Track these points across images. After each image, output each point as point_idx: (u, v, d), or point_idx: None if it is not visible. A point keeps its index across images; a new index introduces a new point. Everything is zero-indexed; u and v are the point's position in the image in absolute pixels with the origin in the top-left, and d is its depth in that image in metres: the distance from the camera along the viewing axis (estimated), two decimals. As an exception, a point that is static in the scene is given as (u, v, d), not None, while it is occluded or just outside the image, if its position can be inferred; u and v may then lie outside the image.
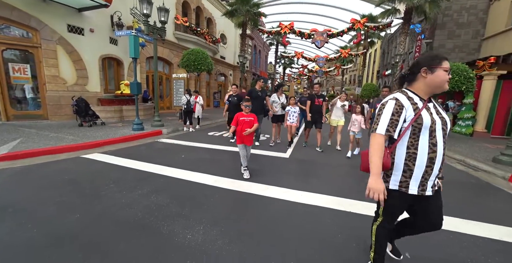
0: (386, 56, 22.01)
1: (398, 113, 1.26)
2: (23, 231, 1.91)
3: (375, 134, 1.29)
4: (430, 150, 1.25)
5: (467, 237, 2.12)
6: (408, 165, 1.27)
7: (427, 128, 1.23)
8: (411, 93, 1.31)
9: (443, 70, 1.24)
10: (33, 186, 2.86)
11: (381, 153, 1.25)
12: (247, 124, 3.40)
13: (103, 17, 8.62)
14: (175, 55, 12.99)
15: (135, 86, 6.24)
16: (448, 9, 13.36)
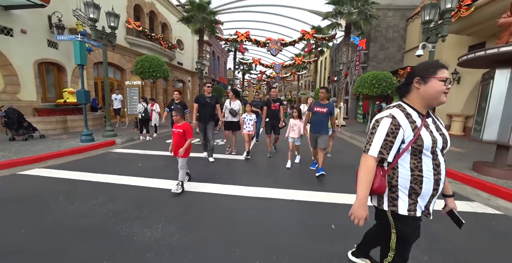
0: (334, 63, 24.58)
1: (394, 134, 1.11)
2: None
3: (366, 156, 1.18)
4: (435, 171, 1.13)
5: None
6: (415, 189, 1.14)
7: (428, 149, 1.11)
8: (409, 108, 1.17)
9: (439, 80, 1.08)
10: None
11: (371, 176, 1.15)
12: (176, 137, 3.09)
13: (39, 17, 7.79)
14: (127, 61, 12.32)
15: (83, 94, 5.84)
16: (378, 26, 15.81)
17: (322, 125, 3.93)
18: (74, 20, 8.86)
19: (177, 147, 3.11)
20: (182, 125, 3.09)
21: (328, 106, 3.93)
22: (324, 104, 3.95)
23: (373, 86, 8.67)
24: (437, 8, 5.24)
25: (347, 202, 2.92)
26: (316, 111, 3.94)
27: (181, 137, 3.08)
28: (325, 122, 3.94)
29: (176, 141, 3.11)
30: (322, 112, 3.91)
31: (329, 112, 3.92)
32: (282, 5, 23.19)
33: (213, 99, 4.74)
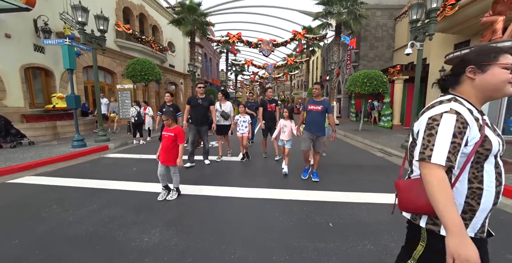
0: (326, 63, 24.87)
1: (462, 134, 0.85)
2: None
3: (429, 165, 0.85)
4: (497, 182, 0.90)
5: (375, 205, 2.79)
6: (471, 204, 0.90)
7: (493, 155, 0.89)
8: (466, 102, 0.93)
9: (502, 67, 0.88)
10: None
11: (451, 194, 0.83)
12: (166, 141, 2.88)
13: (24, 21, 7.59)
14: (117, 64, 12.13)
15: (73, 99, 5.72)
16: (367, 26, 16.10)
17: (318, 125, 3.55)
18: (61, 23, 8.68)
19: (165, 152, 2.88)
20: (174, 129, 2.90)
21: (323, 103, 3.56)
22: (318, 101, 3.61)
23: (364, 85, 8.82)
24: (424, 7, 5.38)
25: (344, 200, 2.96)
26: (311, 109, 3.59)
27: (171, 141, 2.86)
28: (321, 122, 3.56)
29: (166, 146, 2.87)
30: (317, 110, 3.53)
31: (324, 110, 3.54)
32: (273, 6, 23.34)
33: (206, 100, 4.45)
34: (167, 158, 2.88)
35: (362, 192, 3.22)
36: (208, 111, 4.54)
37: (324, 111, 3.56)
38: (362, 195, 3.12)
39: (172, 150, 2.89)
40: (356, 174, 4.04)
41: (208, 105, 4.49)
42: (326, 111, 3.57)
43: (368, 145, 6.93)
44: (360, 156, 5.56)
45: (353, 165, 4.67)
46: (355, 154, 5.77)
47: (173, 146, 2.89)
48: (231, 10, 23.62)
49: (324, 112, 3.57)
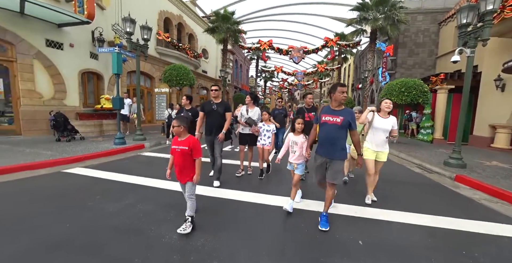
0: (358, 70, 23.89)
1: None
2: (19, 241, 2.02)
3: None
4: None
5: (409, 226, 2.55)
6: None
7: None
8: None
9: None
10: (16, 201, 2.88)
11: None
12: (178, 156, 2.29)
13: (84, 32, 8.71)
14: (156, 69, 13.17)
15: (117, 101, 6.34)
16: (407, 31, 15.18)
17: (333, 144, 2.47)
18: (112, 34, 9.76)
19: (180, 171, 2.31)
20: (187, 139, 2.28)
21: (345, 113, 2.43)
22: (338, 110, 2.47)
23: (402, 94, 8.24)
24: (476, 10, 4.89)
25: (375, 217, 2.77)
26: (325, 121, 2.49)
27: (185, 156, 2.26)
28: (339, 139, 2.47)
29: (179, 163, 2.28)
30: (335, 123, 2.43)
31: (346, 124, 2.42)
32: (305, 13, 23.36)
33: (221, 106, 3.77)
34: (182, 175, 2.33)
35: (396, 210, 2.97)
36: (223, 118, 3.79)
37: (345, 126, 2.44)
38: (395, 213, 2.88)
39: (187, 167, 2.30)
40: (389, 190, 3.76)
41: (224, 111, 3.79)
42: (348, 126, 2.46)
43: (404, 159, 6.41)
44: (395, 171, 5.16)
45: (386, 180, 4.35)
46: (389, 168, 5.36)
47: (189, 161, 2.29)
48: (263, 18, 24.21)
49: (345, 127, 2.45)
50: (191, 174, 2.30)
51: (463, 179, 4.31)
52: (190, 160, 2.29)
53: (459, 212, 2.97)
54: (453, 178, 4.52)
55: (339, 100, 2.46)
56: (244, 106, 4.43)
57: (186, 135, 2.32)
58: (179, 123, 2.24)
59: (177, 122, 2.24)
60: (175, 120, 2.27)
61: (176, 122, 2.24)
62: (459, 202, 3.40)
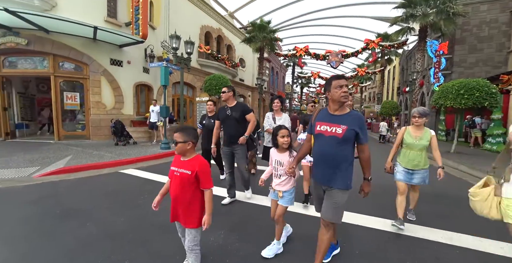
0: (405, 72, 21.78)
1: None
2: (84, 229, 2.41)
3: None
4: None
5: (474, 252, 2.17)
6: None
7: None
8: None
9: None
10: (85, 195, 3.42)
11: None
12: (176, 184, 1.61)
13: (138, 50, 9.98)
14: (198, 80, 14.21)
15: (164, 109, 7.03)
16: (466, 24, 13.36)
17: (332, 166, 1.69)
18: (161, 49, 10.96)
19: (177, 206, 1.63)
20: (192, 160, 1.59)
21: (347, 119, 1.67)
22: (337, 116, 1.71)
23: (460, 97, 7.18)
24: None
25: (427, 237, 2.44)
26: (320, 132, 1.73)
27: (186, 185, 1.57)
28: (340, 159, 1.68)
29: (176, 193, 1.60)
30: (334, 135, 1.66)
31: (350, 135, 1.64)
32: (343, 16, 22.55)
33: (236, 110, 3.08)
34: (181, 214, 1.63)
35: (456, 232, 2.56)
36: (242, 125, 3.12)
37: (349, 138, 1.65)
38: (456, 236, 2.48)
39: (190, 200, 1.58)
40: (447, 208, 3.27)
41: (241, 115, 3.09)
42: (355, 138, 1.68)
43: (466, 172, 5.51)
44: (453, 185, 4.47)
45: (442, 196, 3.81)
46: (446, 182, 4.67)
47: (193, 192, 1.58)
48: (299, 24, 24.23)
49: (349, 140, 1.66)
50: (193, 215, 1.58)
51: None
52: (193, 191, 1.56)
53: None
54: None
55: (338, 100, 1.64)
56: (269, 113, 3.77)
57: (193, 154, 1.60)
58: (185, 138, 1.53)
59: (182, 136, 1.52)
60: (178, 133, 1.55)
61: (181, 136, 1.52)
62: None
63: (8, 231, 2.40)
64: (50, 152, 6.02)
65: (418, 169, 2.65)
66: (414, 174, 2.69)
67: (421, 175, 2.67)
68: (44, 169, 4.51)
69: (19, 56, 7.83)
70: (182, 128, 1.59)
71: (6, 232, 2.37)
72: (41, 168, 4.58)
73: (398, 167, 2.76)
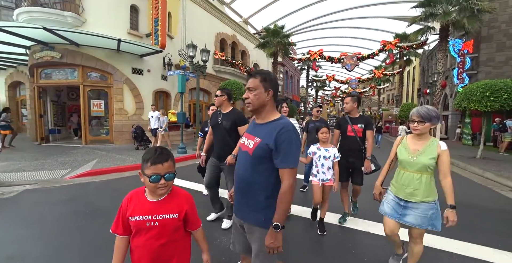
0: (426, 73, 20.83)
1: None
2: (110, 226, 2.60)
3: None
4: None
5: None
6: None
7: None
8: None
9: None
10: (111, 196, 3.71)
11: None
12: (152, 238, 1.09)
13: (157, 59, 10.54)
14: (213, 85, 14.64)
15: (181, 115, 7.37)
16: (493, 21, 12.63)
17: (245, 193, 1.30)
18: (178, 58, 11.48)
19: (156, 258, 1.10)
20: (173, 197, 1.15)
21: (265, 130, 1.25)
22: (259, 124, 1.32)
23: (485, 100, 6.79)
24: None
25: (444, 248, 2.37)
26: (239, 145, 1.44)
27: (173, 231, 1.13)
28: (255, 185, 1.25)
29: (159, 251, 1.10)
30: (246, 151, 1.28)
31: (262, 153, 1.21)
32: (359, 17, 22.17)
33: (228, 118, 2.59)
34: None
35: (476, 244, 2.46)
36: (232, 138, 2.56)
37: (261, 156, 1.23)
38: (476, 248, 2.39)
39: (177, 253, 1.17)
40: (468, 218, 3.13)
41: (232, 125, 2.56)
42: (270, 157, 1.22)
43: (492, 180, 5.18)
44: (478, 194, 4.24)
45: (465, 205, 3.64)
46: (469, 191, 4.45)
47: (180, 242, 1.18)
48: (313, 27, 24.15)
49: (262, 159, 1.23)
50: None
51: None
52: (180, 239, 1.16)
53: None
54: None
55: (249, 103, 1.26)
56: None
57: (169, 189, 1.13)
58: (162, 159, 1.06)
59: (162, 160, 1.05)
60: (158, 159, 1.05)
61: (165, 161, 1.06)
62: None
63: (44, 227, 2.69)
64: (78, 156, 6.55)
65: (414, 202, 1.72)
66: (408, 209, 1.75)
67: (420, 212, 1.71)
68: (74, 171, 4.93)
69: (53, 68, 8.63)
70: (156, 156, 1.06)
71: (42, 228, 2.66)
72: (71, 170, 5.01)
73: (387, 194, 1.91)
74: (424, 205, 1.69)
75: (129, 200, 1.17)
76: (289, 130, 1.16)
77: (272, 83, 1.26)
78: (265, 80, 1.24)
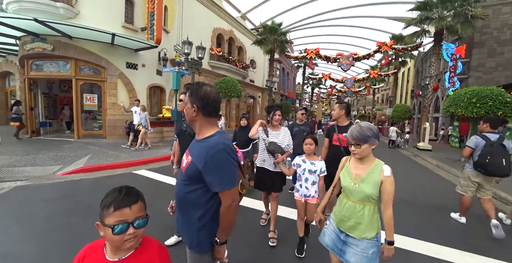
0: (420, 75, 21.15)
1: None
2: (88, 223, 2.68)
3: None
4: None
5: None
6: None
7: None
8: None
9: None
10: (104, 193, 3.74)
11: None
12: None
13: (153, 54, 10.41)
14: (209, 81, 14.54)
15: (175, 112, 7.37)
16: (486, 27, 12.90)
17: (181, 211, 1.26)
18: (174, 53, 11.36)
19: None
20: (145, 249, 0.95)
21: (197, 149, 1.18)
22: (197, 140, 1.24)
23: (472, 106, 7.04)
24: None
25: (417, 251, 2.55)
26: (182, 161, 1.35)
27: None
28: (187, 203, 1.21)
29: None
30: (182, 168, 1.27)
31: (193, 173, 1.16)
32: (357, 16, 22.19)
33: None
34: None
35: (447, 246, 2.65)
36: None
37: (192, 177, 1.17)
38: (445, 250, 2.58)
39: None
40: (444, 222, 3.33)
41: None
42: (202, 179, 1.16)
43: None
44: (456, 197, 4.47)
45: (441, 207, 3.86)
46: (449, 194, 4.68)
47: None
48: (311, 25, 24.08)
49: (194, 179, 1.17)
50: None
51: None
52: None
53: None
54: (539, 214, 3.66)
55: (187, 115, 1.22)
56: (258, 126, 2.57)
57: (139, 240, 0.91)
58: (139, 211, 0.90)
59: (128, 200, 0.88)
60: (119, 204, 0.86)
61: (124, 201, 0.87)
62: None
63: (36, 224, 2.75)
64: (71, 151, 6.53)
65: (354, 237, 1.47)
66: (348, 245, 1.50)
67: (359, 250, 1.45)
68: (66, 167, 4.95)
69: (45, 60, 8.45)
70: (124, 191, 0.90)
71: (34, 226, 2.72)
72: (63, 166, 5.03)
73: (329, 223, 1.65)
74: (365, 242, 1.44)
75: (81, 260, 0.85)
76: (217, 151, 1.08)
77: (199, 98, 1.15)
78: (191, 95, 1.18)
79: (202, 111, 1.17)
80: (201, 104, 1.16)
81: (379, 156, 1.61)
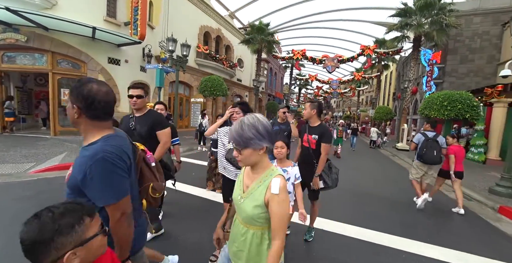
0: (401, 78, 22.14)
1: None
2: None
3: None
4: None
5: (425, 259, 2.46)
6: None
7: None
8: None
9: None
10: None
11: None
12: None
13: (136, 50, 10.14)
14: (195, 79, 14.41)
15: (159, 110, 7.25)
16: (459, 35, 13.71)
17: None
18: (159, 49, 11.13)
19: None
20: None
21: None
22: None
23: (444, 108, 7.52)
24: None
25: (382, 243, 2.72)
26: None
27: None
28: None
29: None
30: None
31: (72, 185, 0.98)
32: (343, 19, 22.80)
33: (143, 123, 2.18)
34: None
35: (414, 240, 2.85)
36: (151, 146, 1.81)
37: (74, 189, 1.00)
38: (412, 243, 2.77)
39: None
40: (411, 217, 3.56)
41: (148, 131, 2.16)
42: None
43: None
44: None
45: (404, 203, 4.11)
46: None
47: None
48: (298, 26, 24.44)
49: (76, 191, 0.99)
50: None
51: (508, 212, 3.80)
52: None
53: (492, 250, 2.67)
54: (496, 209, 4.01)
55: None
56: (225, 127, 2.31)
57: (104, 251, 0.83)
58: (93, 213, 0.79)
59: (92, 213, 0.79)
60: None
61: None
62: (496, 238, 3.04)
63: (3, 224, 2.64)
64: (46, 148, 6.23)
65: None
66: None
67: None
68: (39, 165, 4.73)
69: (18, 52, 7.99)
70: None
71: (3, 226, 2.61)
72: (36, 164, 4.80)
73: (226, 245, 1.28)
74: None
75: None
76: (95, 162, 0.92)
77: (81, 97, 0.96)
78: (71, 94, 0.99)
79: (86, 113, 0.98)
80: (84, 104, 0.97)
81: (361, 155, 1.61)
